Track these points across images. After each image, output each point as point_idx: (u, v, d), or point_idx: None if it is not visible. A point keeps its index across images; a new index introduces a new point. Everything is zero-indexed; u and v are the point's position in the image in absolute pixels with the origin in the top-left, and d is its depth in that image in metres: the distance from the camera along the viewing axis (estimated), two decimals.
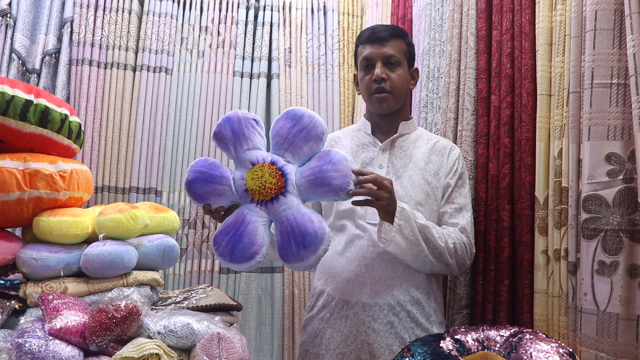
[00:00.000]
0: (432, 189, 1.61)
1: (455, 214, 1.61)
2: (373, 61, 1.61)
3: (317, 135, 1.38)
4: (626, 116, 1.33)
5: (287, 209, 1.32)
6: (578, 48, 1.46)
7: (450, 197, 1.63)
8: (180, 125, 2.96)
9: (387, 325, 1.54)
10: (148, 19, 2.97)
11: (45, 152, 1.58)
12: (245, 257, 1.33)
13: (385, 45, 1.60)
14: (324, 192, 1.34)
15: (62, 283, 1.47)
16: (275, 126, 1.42)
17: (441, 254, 1.51)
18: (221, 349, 1.31)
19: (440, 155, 1.66)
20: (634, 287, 1.28)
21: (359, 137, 1.71)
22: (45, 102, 1.55)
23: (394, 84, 1.61)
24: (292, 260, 1.30)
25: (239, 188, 1.38)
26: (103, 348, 1.29)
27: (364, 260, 1.56)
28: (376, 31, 1.62)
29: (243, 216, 1.36)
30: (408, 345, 1.44)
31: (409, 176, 1.60)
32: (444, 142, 1.72)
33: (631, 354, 1.27)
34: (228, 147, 1.43)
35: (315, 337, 1.61)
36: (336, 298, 1.58)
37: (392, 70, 1.61)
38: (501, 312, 1.71)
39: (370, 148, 1.67)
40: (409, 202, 1.56)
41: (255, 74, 3.07)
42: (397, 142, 1.67)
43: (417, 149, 1.66)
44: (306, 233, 1.29)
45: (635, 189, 1.29)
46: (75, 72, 2.83)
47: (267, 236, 1.36)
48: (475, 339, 1.47)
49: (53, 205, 1.54)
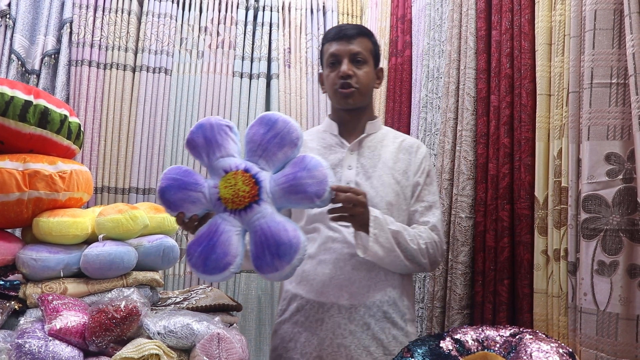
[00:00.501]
0: (402, 188, 1.61)
1: (425, 212, 1.61)
2: (340, 58, 1.60)
3: (292, 141, 1.35)
4: (626, 116, 1.33)
5: (261, 218, 1.29)
6: (577, 48, 1.46)
7: (419, 195, 1.63)
8: (180, 126, 2.96)
9: (364, 327, 1.53)
10: (147, 19, 2.97)
11: (44, 153, 1.58)
12: (219, 268, 1.28)
13: (352, 42, 1.60)
14: (299, 199, 1.30)
15: (62, 284, 1.47)
16: (249, 132, 1.39)
17: (414, 257, 1.51)
18: (221, 349, 1.31)
19: (408, 153, 1.66)
20: (633, 287, 1.28)
21: (326, 138, 1.69)
22: (44, 102, 1.55)
23: (360, 80, 1.60)
24: (267, 271, 1.27)
25: (212, 197, 1.34)
26: (103, 348, 1.29)
27: (338, 262, 1.54)
28: (343, 29, 1.62)
29: (216, 226, 1.32)
30: (408, 345, 1.44)
31: (379, 176, 1.60)
32: (411, 140, 1.71)
33: (631, 353, 1.27)
34: (201, 154, 1.40)
35: (289, 342, 1.58)
36: (311, 301, 1.56)
37: (359, 68, 1.60)
38: (501, 312, 1.71)
39: (338, 149, 1.65)
40: (379, 202, 1.56)
41: (255, 74, 3.07)
42: (364, 142, 1.65)
43: (385, 147, 1.65)
44: (280, 242, 1.25)
45: (634, 189, 1.29)
46: (74, 72, 2.83)
47: (242, 246, 1.32)
48: (475, 339, 1.47)
49: (53, 205, 1.54)
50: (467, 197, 1.91)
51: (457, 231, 1.92)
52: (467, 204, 1.91)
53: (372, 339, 1.52)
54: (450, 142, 2.05)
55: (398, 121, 2.62)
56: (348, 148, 1.63)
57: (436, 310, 1.99)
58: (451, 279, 1.91)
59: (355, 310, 1.53)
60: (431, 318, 2.01)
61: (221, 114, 2.99)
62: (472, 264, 1.88)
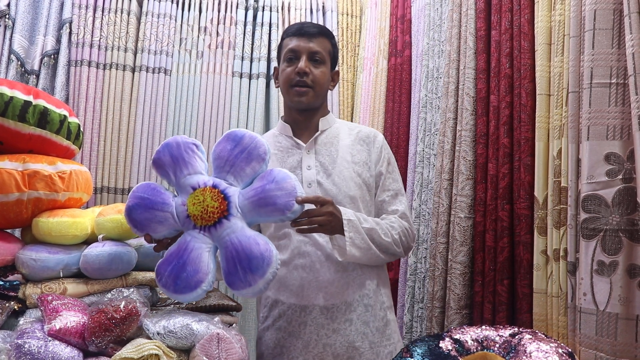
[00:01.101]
0: (364, 180, 1.61)
1: (392, 200, 1.62)
2: (298, 54, 1.59)
3: (259, 156, 1.34)
4: (625, 116, 1.33)
5: (231, 233, 1.27)
6: (577, 48, 1.46)
7: (384, 185, 1.64)
8: (179, 126, 2.96)
9: (346, 323, 1.54)
10: (147, 19, 2.97)
11: (44, 153, 1.58)
12: (190, 287, 1.26)
13: (312, 40, 1.59)
14: (269, 212, 1.29)
15: (62, 284, 1.46)
16: (216, 149, 1.39)
17: (389, 249, 1.53)
18: (220, 349, 1.31)
19: (365, 144, 1.65)
20: (633, 286, 1.28)
21: (281, 141, 1.67)
22: (44, 103, 1.55)
23: (316, 79, 1.59)
24: (240, 287, 1.24)
25: (181, 214, 1.32)
26: (102, 349, 1.29)
27: (314, 265, 1.54)
28: (305, 26, 1.62)
29: (186, 244, 1.29)
30: (407, 345, 1.44)
31: (339, 172, 1.59)
32: (367, 130, 1.70)
33: (630, 353, 1.27)
34: (168, 173, 1.38)
35: (274, 348, 1.58)
36: (292, 305, 1.56)
37: (316, 67, 1.59)
38: (500, 312, 1.71)
39: (295, 151, 1.64)
40: (343, 198, 1.56)
41: (255, 74, 3.07)
42: (319, 140, 1.65)
43: (341, 142, 1.65)
44: (252, 256, 1.23)
45: (634, 189, 1.29)
46: (74, 73, 2.83)
47: (213, 263, 1.29)
48: (475, 339, 1.47)
49: (52, 206, 1.54)
50: (466, 197, 1.91)
51: (457, 231, 1.92)
52: (467, 204, 1.91)
53: (356, 333, 1.54)
54: (450, 142, 2.05)
55: (397, 121, 2.62)
56: (304, 148, 1.62)
57: (435, 310, 1.99)
58: (450, 279, 1.91)
59: (336, 309, 1.54)
60: (430, 318, 2.01)
61: (220, 114, 2.99)
62: (472, 264, 1.89)
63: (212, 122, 2.98)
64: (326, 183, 1.57)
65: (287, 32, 1.65)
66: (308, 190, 1.56)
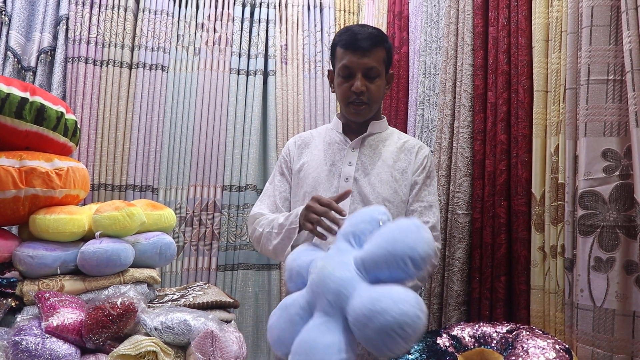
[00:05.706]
0: (400, 186, 1.62)
1: (424, 212, 1.62)
2: (353, 71, 1.58)
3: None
4: (622, 112, 1.33)
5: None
6: (574, 44, 1.46)
7: (418, 195, 1.63)
8: (176, 123, 2.95)
9: None
10: (144, 16, 2.96)
11: (41, 150, 1.57)
12: None
13: (366, 55, 1.56)
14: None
15: (59, 281, 1.46)
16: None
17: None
18: (215, 347, 1.31)
19: (409, 153, 1.67)
20: (630, 283, 1.29)
21: (331, 135, 1.73)
22: (41, 99, 1.54)
23: (372, 95, 1.60)
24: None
25: None
26: (100, 345, 1.29)
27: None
28: (358, 38, 1.56)
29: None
30: None
31: (377, 173, 1.62)
32: (413, 141, 1.73)
33: (627, 349, 1.28)
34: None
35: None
36: None
37: (372, 82, 1.59)
38: (498, 308, 1.72)
39: (342, 146, 1.68)
40: (376, 198, 1.58)
41: (252, 71, 3.07)
42: (367, 141, 1.68)
43: (387, 147, 1.68)
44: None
45: (631, 185, 1.29)
46: (71, 69, 2.81)
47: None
48: (472, 335, 1.47)
49: (49, 203, 1.54)
50: (464, 194, 1.92)
51: (454, 228, 1.92)
52: (464, 201, 1.91)
53: None
54: (447, 138, 2.05)
55: (395, 118, 2.62)
56: (350, 145, 1.66)
57: (433, 307, 1.99)
58: (448, 275, 1.92)
59: None
60: (428, 315, 2.02)
61: (218, 111, 2.99)
62: (469, 261, 1.89)
63: (210, 119, 2.97)
64: (362, 181, 1.60)
65: (340, 41, 1.61)
66: (344, 184, 1.60)
